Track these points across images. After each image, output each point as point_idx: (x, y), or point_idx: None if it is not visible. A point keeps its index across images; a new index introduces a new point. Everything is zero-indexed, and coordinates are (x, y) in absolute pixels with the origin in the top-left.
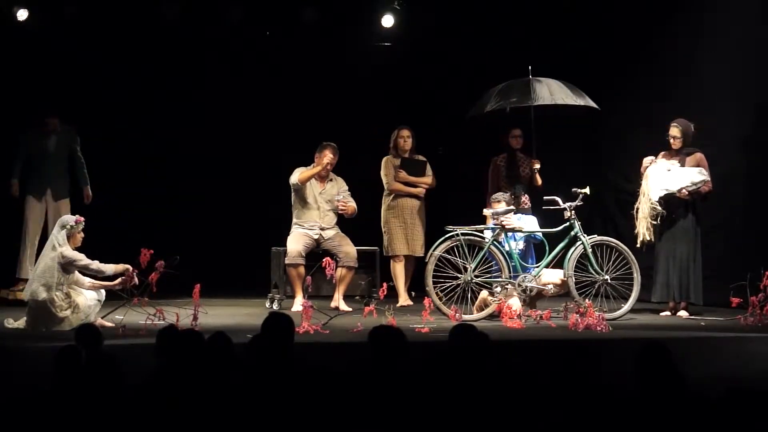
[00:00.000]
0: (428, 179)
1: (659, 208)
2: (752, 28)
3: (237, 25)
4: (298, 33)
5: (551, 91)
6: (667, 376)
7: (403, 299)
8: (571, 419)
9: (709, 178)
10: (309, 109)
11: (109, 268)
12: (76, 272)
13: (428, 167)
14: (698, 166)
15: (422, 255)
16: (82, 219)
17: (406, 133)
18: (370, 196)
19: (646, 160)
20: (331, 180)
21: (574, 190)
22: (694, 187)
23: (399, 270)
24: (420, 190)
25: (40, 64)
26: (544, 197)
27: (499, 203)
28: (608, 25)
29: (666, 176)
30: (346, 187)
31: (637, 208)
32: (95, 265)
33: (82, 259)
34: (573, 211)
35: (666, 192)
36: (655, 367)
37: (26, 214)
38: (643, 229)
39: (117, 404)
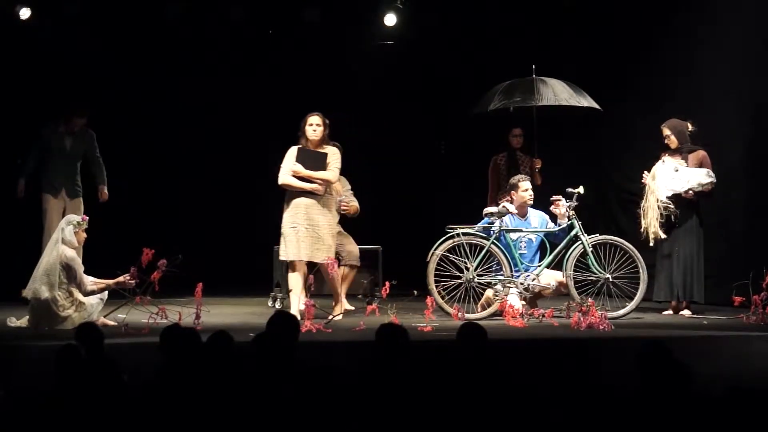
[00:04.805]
0: (326, 174)
1: (672, 206)
2: (752, 28)
3: (239, 24)
4: (300, 32)
5: (555, 92)
6: (668, 375)
7: (295, 308)
8: (572, 419)
9: (715, 179)
10: (311, 108)
11: (93, 288)
12: (81, 274)
13: (334, 159)
14: (701, 164)
15: (325, 262)
16: (86, 218)
17: (316, 120)
18: (372, 196)
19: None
20: None
21: (568, 190)
22: (700, 188)
23: (292, 278)
24: (315, 187)
25: (41, 63)
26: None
27: (525, 181)
28: (608, 25)
29: (673, 176)
30: (349, 186)
31: (644, 207)
32: (86, 280)
33: (78, 268)
34: (573, 211)
35: (672, 192)
36: (656, 365)
37: (46, 212)
38: (654, 228)
39: (118, 403)
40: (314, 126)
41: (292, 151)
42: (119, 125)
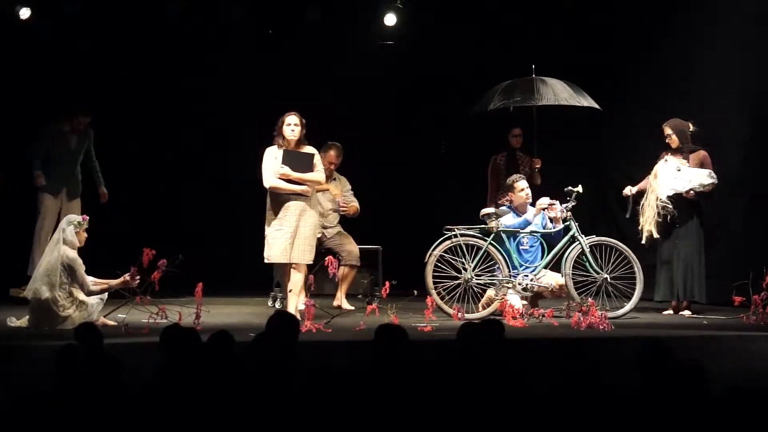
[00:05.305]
0: (316, 176)
1: (670, 206)
2: (752, 28)
3: (239, 24)
4: (301, 32)
5: (555, 92)
6: (668, 375)
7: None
8: (572, 419)
9: (716, 180)
10: (311, 108)
11: (95, 289)
12: (82, 274)
13: (318, 161)
14: (702, 164)
15: (310, 262)
16: (87, 218)
17: (294, 119)
18: (372, 196)
19: (627, 190)
20: (334, 179)
21: (567, 189)
22: (701, 188)
23: (286, 280)
24: (306, 189)
25: (41, 63)
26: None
27: (521, 181)
28: (608, 25)
29: (675, 176)
30: (349, 187)
31: (643, 204)
32: (87, 279)
33: (80, 269)
34: (569, 212)
35: (674, 191)
36: (656, 365)
37: (41, 211)
38: (649, 226)
39: (118, 403)
40: (292, 126)
41: (273, 152)
42: (119, 125)
